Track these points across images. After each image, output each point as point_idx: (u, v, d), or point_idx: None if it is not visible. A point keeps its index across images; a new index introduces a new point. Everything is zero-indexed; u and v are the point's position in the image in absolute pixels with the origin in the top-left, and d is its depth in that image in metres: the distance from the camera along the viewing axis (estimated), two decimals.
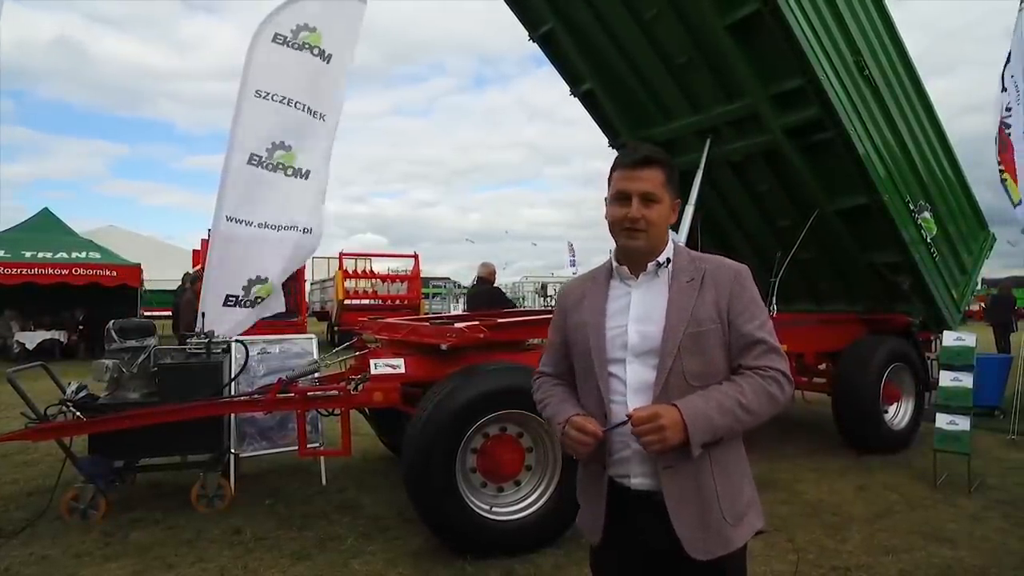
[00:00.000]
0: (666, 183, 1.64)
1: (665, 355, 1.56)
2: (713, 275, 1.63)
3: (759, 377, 1.57)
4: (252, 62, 5.31)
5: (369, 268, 18.53)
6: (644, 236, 1.61)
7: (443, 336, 3.88)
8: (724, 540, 1.56)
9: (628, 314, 1.63)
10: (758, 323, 1.62)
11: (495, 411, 3.67)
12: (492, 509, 3.69)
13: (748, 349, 1.60)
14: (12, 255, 13.73)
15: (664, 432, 1.45)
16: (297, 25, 5.43)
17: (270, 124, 5.29)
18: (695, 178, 6.04)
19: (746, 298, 1.63)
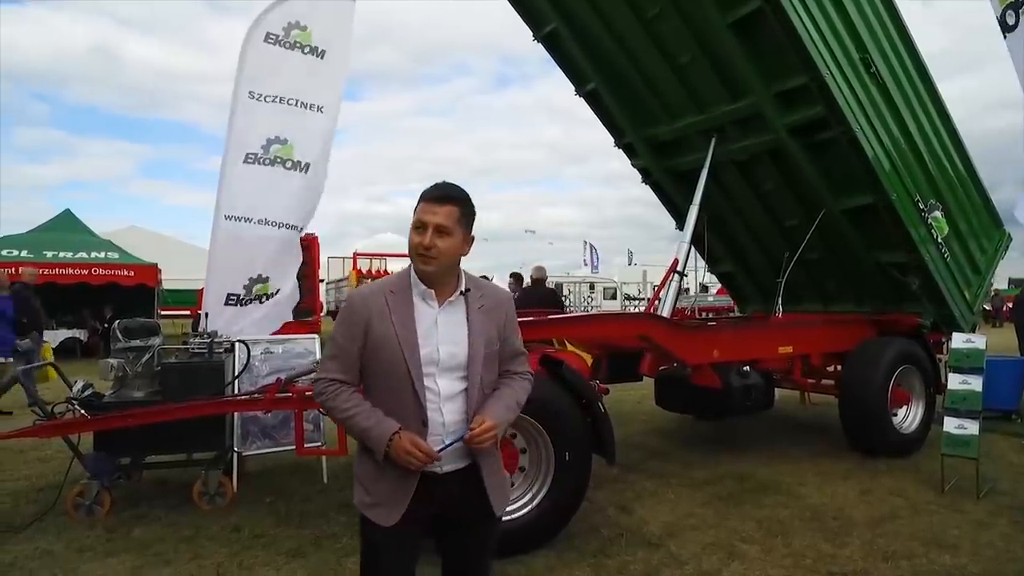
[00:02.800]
0: (460, 219, 1.90)
1: (473, 372, 1.91)
2: (494, 301, 2.01)
3: (522, 379, 2.07)
4: (245, 63, 5.40)
5: (384, 268, 18.65)
6: (435, 263, 1.87)
7: None
8: (507, 495, 2.13)
9: (436, 334, 1.90)
10: (519, 338, 2.09)
11: None
12: None
13: (514, 359, 2.07)
14: (34, 255, 14.02)
15: (496, 436, 1.90)
16: (288, 23, 5.51)
17: (265, 123, 5.37)
18: (700, 177, 6.00)
19: (514, 318, 2.08)
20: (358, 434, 1.88)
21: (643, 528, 4.11)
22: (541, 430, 3.76)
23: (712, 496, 4.74)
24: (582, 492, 3.88)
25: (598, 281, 31.33)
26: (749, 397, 5.37)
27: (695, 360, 5.22)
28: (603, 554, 3.71)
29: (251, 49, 5.45)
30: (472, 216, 1.96)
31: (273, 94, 5.43)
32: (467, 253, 1.96)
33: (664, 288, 6.25)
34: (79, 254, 14.62)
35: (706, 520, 4.27)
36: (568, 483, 3.79)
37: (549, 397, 3.78)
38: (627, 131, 6.72)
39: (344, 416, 1.88)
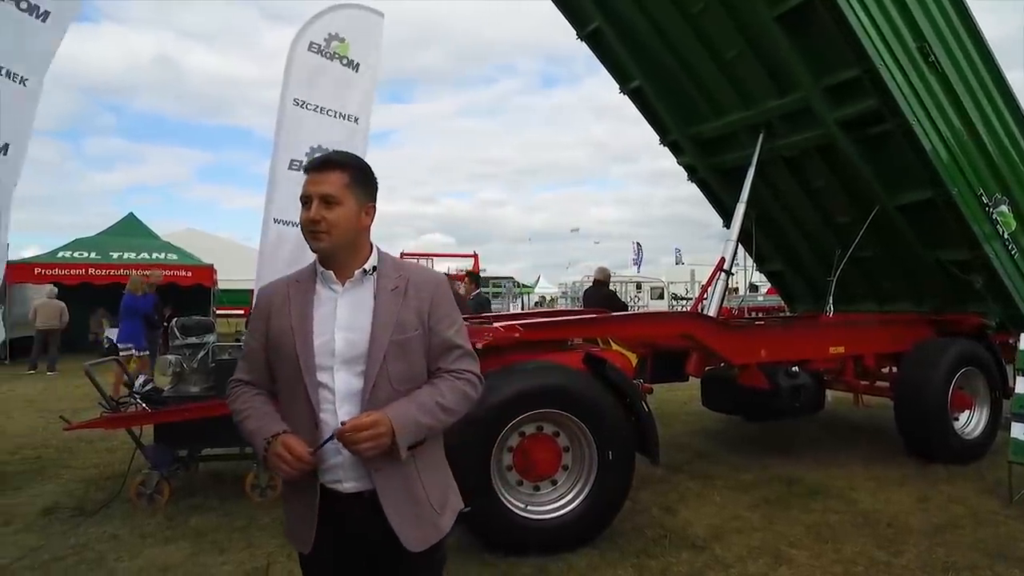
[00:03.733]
0: (350, 185, 1.65)
1: (372, 362, 1.59)
2: (416, 284, 1.70)
3: (455, 378, 1.67)
4: (291, 71, 5.60)
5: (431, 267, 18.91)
6: (327, 237, 1.62)
7: (479, 336, 3.94)
8: (437, 529, 1.67)
9: (335, 321, 1.63)
10: (455, 329, 1.72)
11: (531, 410, 3.71)
12: (528, 507, 3.73)
13: (446, 353, 1.69)
14: (101, 257, 14.75)
15: (381, 439, 1.50)
16: (329, 34, 5.73)
17: (308, 130, 5.58)
18: (747, 175, 5.88)
19: (446, 306, 1.72)
20: (248, 438, 1.65)
21: (687, 530, 4.07)
22: (584, 428, 3.76)
23: (759, 499, 4.64)
24: (625, 491, 3.87)
25: (645, 280, 31.00)
26: (798, 398, 5.24)
27: (741, 360, 5.13)
28: (646, 555, 3.69)
29: (296, 57, 5.64)
30: (368, 183, 1.70)
31: (315, 103, 5.63)
32: (368, 225, 1.71)
33: (710, 287, 6.16)
34: (141, 255, 15.30)
35: (752, 523, 4.19)
36: (611, 482, 3.78)
37: (592, 395, 3.79)
38: (672, 128, 6.65)
39: (238, 419, 1.69)
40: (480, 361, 4.05)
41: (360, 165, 1.72)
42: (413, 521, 1.62)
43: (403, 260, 1.82)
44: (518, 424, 3.69)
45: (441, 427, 1.66)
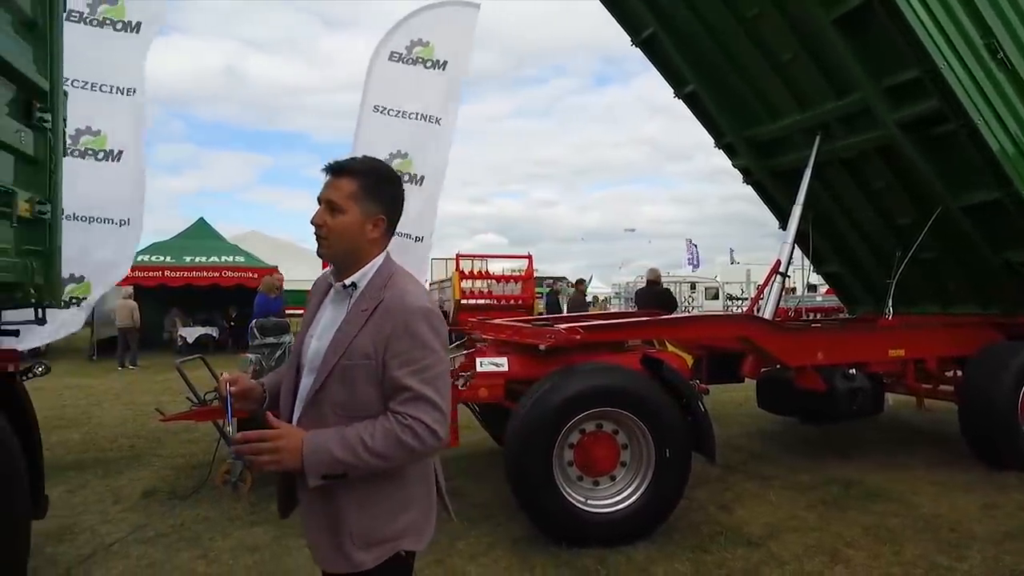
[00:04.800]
0: (357, 194, 1.59)
1: (318, 378, 1.57)
2: (385, 309, 1.56)
3: (396, 422, 1.51)
4: (370, 80, 5.89)
5: (485, 269, 19.17)
6: (326, 243, 1.60)
7: (542, 337, 4.14)
8: (350, 562, 1.56)
9: (318, 326, 1.66)
10: (411, 369, 1.53)
11: (591, 408, 3.88)
12: (588, 501, 3.90)
13: (395, 393, 1.54)
14: (176, 260, 15.62)
15: (279, 452, 1.46)
16: (411, 41, 5.96)
17: (388, 136, 5.84)
18: (803, 177, 5.89)
19: (407, 341, 1.54)
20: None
21: (743, 528, 4.16)
22: (642, 426, 3.91)
23: (816, 500, 4.68)
24: (682, 489, 4.00)
25: (699, 280, 30.57)
26: (855, 401, 5.23)
27: (797, 362, 5.16)
28: (702, 550, 3.81)
29: (376, 68, 5.94)
30: (380, 193, 1.63)
31: (396, 109, 5.90)
32: (374, 237, 1.63)
33: (766, 289, 6.18)
34: (212, 258, 16.13)
35: (808, 523, 4.25)
36: (668, 479, 3.91)
37: (649, 395, 3.94)
38: (727, 131, 6.69)
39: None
40: (543, 361, 4.27)
41: (374, 174, 1.64)
42: (326, 545, 1.59)
43: (402, 281, 1.63)
44: (579, 422, 3.87)
45: (366, 468, 1.51)
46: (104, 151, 5.51)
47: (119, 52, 5.46)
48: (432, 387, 1.54)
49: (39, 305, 2.79)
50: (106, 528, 4.18)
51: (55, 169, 2.88)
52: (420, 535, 1.67)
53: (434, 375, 1.56)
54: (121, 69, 5.48)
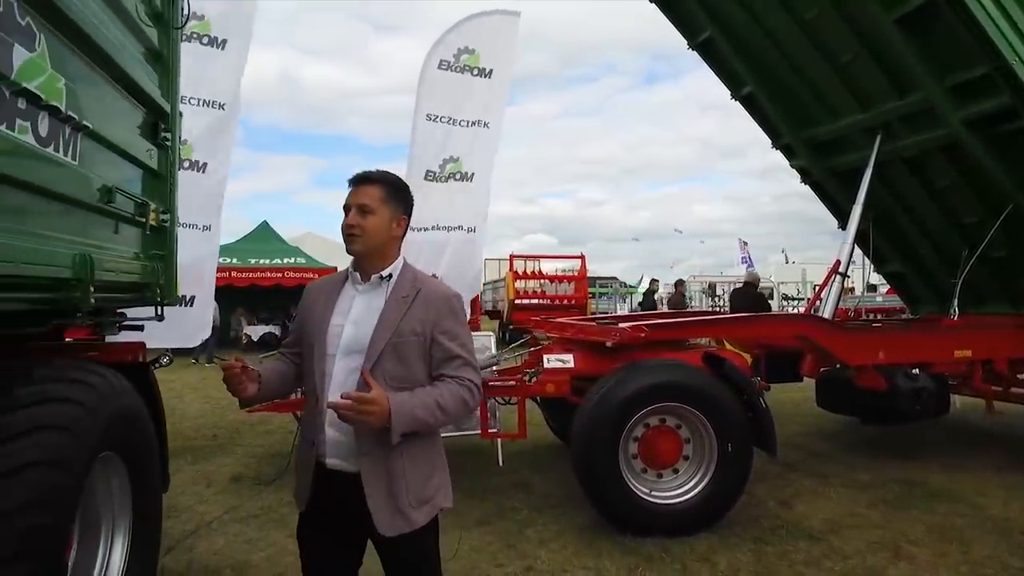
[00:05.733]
0: (385, 199, 1.90)
1: (368, 357, 1.81)
2: (426, 297, 1.88)
3: (457, 385, 1.85)
4: (422, 88, 6.17)
5: (538, 269, 19.39)
6: (360, 241, 1.87)
7: (608, 335, 4.32)
8: (408, 520, 1.82)
9: (348, 315, 1.89)
10: (459, 342, 1.89)
11: (655, 403, 4.04)
12: (651, 493, 4.06)
13: (449, 362, 1.87)
14: (241, 262, 16.34)
15: (372, 414, 1.68)
16: (459, 49, 6.21)
17: (440, 142, 6.11)
18: (864, 176, 5.89)
19: (452, 320, 1.90)
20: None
21: (804, 522, 4.24)
22: (704, 422, 4.04)
23: (877, 499, 4.71)
24: (743, 483, 4.11)
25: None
26: (918, 401, 5.21)
27: (857, 361, 5.17)
28: (763, 541, 3.92)
29: (427, 76, 6.21)
30: (401, 198, 1.94)
31: (446, 115, 6.17)
32: (398, 235, 1.93)
33: (825, 289, 6.19)
34: (274, 260, 16.83)
35: (871, 520, 4.30)
36: (730, 473, 4.04)
37: (712, 391, 4.07)
38: (785, 132, 6.71)
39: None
40: (608, 358, 4.45)
41: (395, 182, 1.95)
42: (388, 507, 1.80)
43: (424, 275, 2.01)
44: (643, 416, 4.03)
45: (436, 424, 1.85)
46: (190, 161, 5.91)
47: (206, 66, 5.83)
48: (472, 355, 1.94)
49: (159, 304, 3.13)
50: (203, 508, 4.56)
51: (173, 182, 3.22)
52: (448, 493, 1.97)
53: (471, 346, 1.96)
54: (207, 83, 5.85)
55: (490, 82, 6.32)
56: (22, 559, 1.70)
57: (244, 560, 3.67)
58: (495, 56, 6.30)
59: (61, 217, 2.15)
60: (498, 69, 6.33)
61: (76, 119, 2.11)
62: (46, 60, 1.93)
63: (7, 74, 1.73)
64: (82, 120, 2.15)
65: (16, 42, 1.78)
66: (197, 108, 5.84)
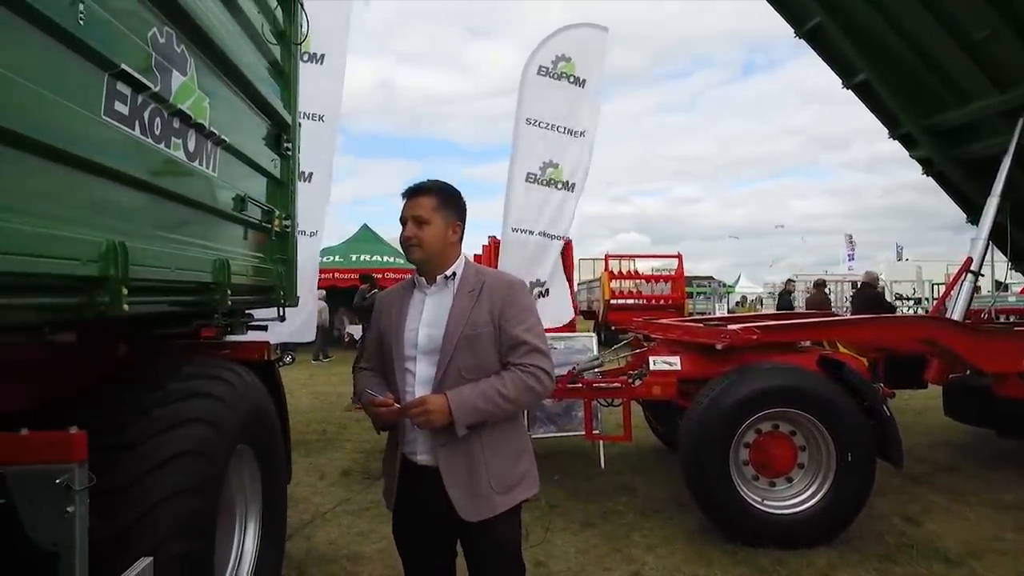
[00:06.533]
0: (438, 207, 1.95)
1: (444, 353, 1.89)
2: (491, 287, 1.95)
3: (521, 372, 1.89)
4: (523, 93, 6.25)
5: (633, 269, 19.10)
6: (419, 251, 1.95)
7: (717, 337, 4.18)
8: (490, 505, 1.89)
9: (420, 318, 1.96)
10: (525, 327, 1.93)
11: (767, 408, 3.86)
12: (764, 501, 3.89)
13: (515, 348, 1.92)
14: (345, 262, 17.10)
15: (429, 414, 1.79)
16: (556, 56, 6.30)
17: (540, 146, 6.17)
18: (1001, 165, 5.39)
19: (517, 306, 1.95)
20: (360, 398, 2.04)
21: (936, 543, 3.92)
22: (821, 429, 3.83)
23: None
24: (865, 495, 3.85)
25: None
26: None
27: (995, 368, 4.73)
28: (889, 560, 3.66)
29: (527, 81, 6.29)
30: (454, 204, 2.00)
31: (545, 120, 6.23)
32: (455, 240, 2.00)
33: (955, 288, 5.72)
34: (375, 259, 17.51)
35: (1020, 546, 3.91)
36: (850, 484, 3.80)
37: (829, 397, 3.85)
38: (905, 120, 6.26)
39: (357, 391, 2.09)
40: (716, 360, 4.32)
41: (446, 190, 2.01)
42: (468, 493, 1.88)
43: (486, 268, 2.12)
44: (755, 422, 3.87)
45: (503, 414, 1.89)
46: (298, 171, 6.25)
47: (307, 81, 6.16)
48: (541, 341, 1.96)
49: (282, 305, 3.32)
50: (318, 499, 4.79)
51: (293, 189, 3.41)
52: (534, 482, 2.02)
53: (540, 331, 1.99)
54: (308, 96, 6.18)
55: (584, 92, 6.40)
56: (179, 539, 1.86)
57: (358, 551, 3.82)
58: (587, 67, 6.39)
59: (204, 225, 2.32)
60: (590, 80, 6.41)
61: (216, 134, 2.28)
62: (195, 82, 2.10)
63: (167, 98, 1.88)
64: (221, 135, 2.31)
65: (174, 68, 1.93)
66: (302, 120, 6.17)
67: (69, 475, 1.47)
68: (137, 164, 1.78)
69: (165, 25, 1.92)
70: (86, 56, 1.54)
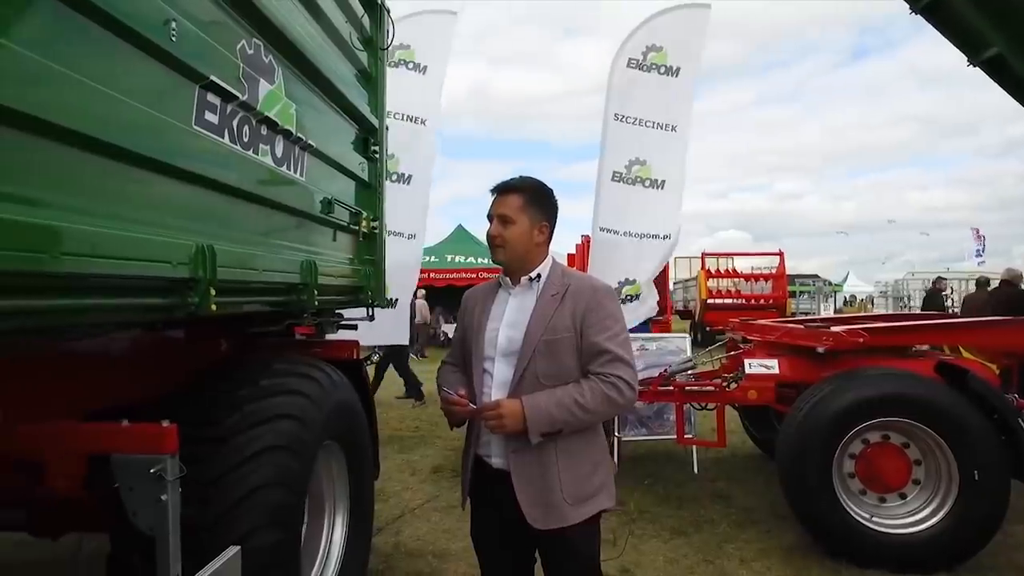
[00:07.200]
0: (524, 207, 1.90)
1: (522, 357, 1.84)
2: (575, 291, 1.88)
3: (600, 381, 1.81)
4: (611, 88, 6.07)
5: (731, 267, 18.38)
6: (502, 251, 1.92)
7: (819, 339, 3.91)
8: (561, 516, 1.82)
9: (503, 319, 1.92)
10: (608, 335, 1.84)
11: (876, 418, 3.57)
12: (873, 518, 3.59)
13: (596, 357, 1.84)
14: (440, 263, 17.53)
15: (503, 419, 1.75)
16: (646, 47, 6.03)
17: (628, 143, 5.98)
18: None
19: (601, 313, 1.86)
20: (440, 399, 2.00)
21: None
22: (940, 443, 3.49)
23: None
24: (996, 520, 3.46)
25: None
26: None
27: None
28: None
29: (615, 75, 6.12)
30: (542, 204, 1.94)
31: (634, 116, 6.03)
32: (541, 241, 1.94)
33: None
34: (469, 260, 17.83)
35: None
36: (978, 506, 3.43)
37: (949, 407, 3.50)
38: None
39: (438, 386, 2.04)
40: (819, 364, 4.05)
41: (535, 188, 1.95)
42: (539, 502, 1.82)
43: (574, 270, 2.03)
44: (862, 431, 3.58)
45: (579, 424, 1.81)
46: (397, 174, 6.43)
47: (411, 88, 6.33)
48: (625, 350, 1.87)
49: (371, 305, 3.41)
50: (408, 495, 4.91)
51: (381, 191, 3.49)
52: (611, 493, 1.96)
53: (624, 340, 1.89)
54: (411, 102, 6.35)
55: (677, 81, 6.11)
56: (267, 530, 1.94)
57: (444, 548, 3.87)
58: (682, 53, 6.10)
59: (291, 228, 2.42)
60: (685, 67, 6.12)
61: (303, 140, 2.36)
62: (282, 90, 2.18)
63: (254, 106, 1.97)
64: (308, 140, 2.40)
65: (262, 78, 2.02)
66: (402, 123, 6.35)
67: (162, 465, 1.57)
68: (226, 170, 1.87)
69: (254, 37, 2.00)
70: (178, 70, 1.62)
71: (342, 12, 2.89)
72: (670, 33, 6.09)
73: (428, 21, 6.38)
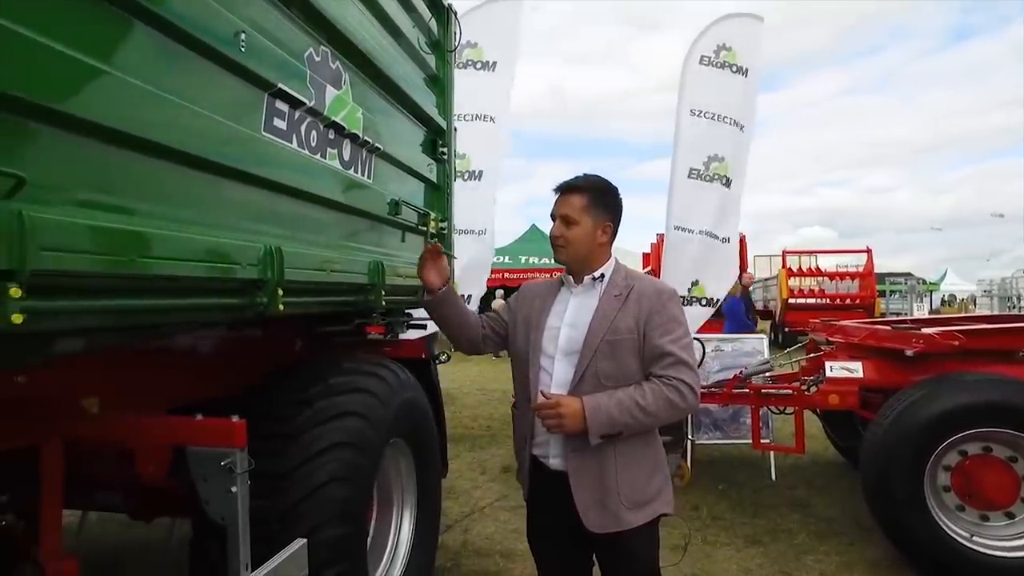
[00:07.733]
0: (588, 207, 1.89)
1: (583, 357, 1.82)
2: (639, 292, 1.86)
3: (662, 384, 1.78)
4: (685, 83, 5.96)
5: (815, 265, 17.56)
6: (564, 251, 1.92)
7: (908, 341, 3.66)
8: (618, 520, 1.79)
9: (563, 318, 1.90)
10: (671, 338, 1.82)
11: (975, 427, 3.31)
12: (973, 537, 3.33)
13: (659, 359, 1.81)
14: (514, 262, 17.64)
15: (562, 418, 1.71)
16: (717, 45, 5.96)
17: (704, 139, 5.85)
18: None
19: (665, 316, 1.84)
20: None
21: None
22: None
23: None
24: None
25: None
26: None
27: None
28: None
29: (689, 71, 6.00)
30: (606, 203, 1.92)
31: (709, 111, 5.90)
32: (604, 241, 1.92)
33: None
34: (543, 260, 17.84)
35: None
36: None
37: None
38: None
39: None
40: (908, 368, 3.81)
41: (599, 188, 1.93)
42: (595, 504, 1.80)
43: (638, 272, 2.02)
44: (959, 442, 3.33)
45: (639, 426, 1.78)
46: (468, 172, 6.50)
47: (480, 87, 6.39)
48: (688, 353, 1.85)
49: None
50: (478, 493, 4.95)
51: (450, 192, 3.53)
52: (669, 499, 1.92)
53: (687, 343, 1.87)
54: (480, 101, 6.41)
55: (746, 81, 6.03)
56: (333, 524, 1.99)
57: (511, 548, 3.88)
58: (747, 57, 6.03)
59: (359, 229, 2.47)
60: (752, 69, 6.06)
61: (371, 143, 2.41)
62: (349, 95, 2.23)
63: (321, 111, 2.02)
64: (375, 143, 2.44)
65: (328, 84, 2.07)
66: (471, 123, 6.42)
67: (232, 459, 1.63)
68: (294, 174, 1.93)
69: (321, 44, 2.06)
70: (247, 79, 1.69)
71: (409, 17, 2.93)
72: (737, 37, 6.07)
73: (495, 10, 6.44)
